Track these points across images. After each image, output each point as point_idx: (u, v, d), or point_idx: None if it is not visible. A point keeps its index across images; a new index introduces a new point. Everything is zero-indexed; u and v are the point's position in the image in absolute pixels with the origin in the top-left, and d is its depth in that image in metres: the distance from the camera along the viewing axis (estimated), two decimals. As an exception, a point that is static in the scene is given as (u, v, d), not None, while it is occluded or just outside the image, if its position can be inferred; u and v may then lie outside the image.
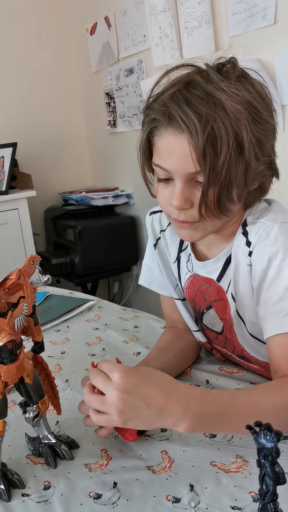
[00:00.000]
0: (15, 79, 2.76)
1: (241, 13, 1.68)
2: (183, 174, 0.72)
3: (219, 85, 0.69)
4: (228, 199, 0.72)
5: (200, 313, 0.93)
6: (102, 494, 0.64)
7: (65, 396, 0.88)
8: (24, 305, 0.67)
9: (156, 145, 0.75)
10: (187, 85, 0.71)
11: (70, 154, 3.01)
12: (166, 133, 0.72)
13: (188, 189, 0.73)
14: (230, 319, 0.86)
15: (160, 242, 0.97)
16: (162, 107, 0.72)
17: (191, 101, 0.69)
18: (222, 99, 0.68)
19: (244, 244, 0.79)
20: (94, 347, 1.11)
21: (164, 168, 0.74)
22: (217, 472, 0.66)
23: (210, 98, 0.68)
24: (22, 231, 2.48)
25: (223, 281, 0.85)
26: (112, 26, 2.48)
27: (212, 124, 0.67)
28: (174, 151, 0.71)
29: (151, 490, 0.64)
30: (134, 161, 2.25)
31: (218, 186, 0.70)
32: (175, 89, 0.71)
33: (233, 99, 0.68)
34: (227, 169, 0.69)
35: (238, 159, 0.69)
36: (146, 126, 0.76)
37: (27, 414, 0.71)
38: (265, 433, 0.50)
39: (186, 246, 0.92)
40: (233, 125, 0.68)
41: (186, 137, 0.69)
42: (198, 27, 1.89)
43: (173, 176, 0.74)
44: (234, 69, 0.72)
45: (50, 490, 0.66)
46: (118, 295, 2.97)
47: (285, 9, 1.54)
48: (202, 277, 0.89)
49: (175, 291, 0.97)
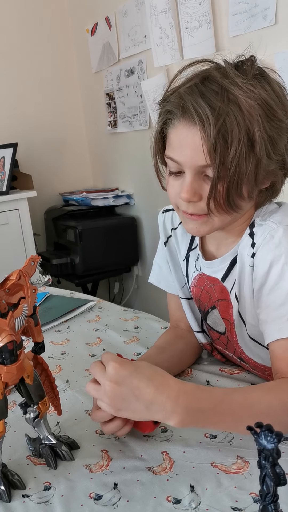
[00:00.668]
0: (15, 79, 2.76)
1: (242, 14, 1.68)
2: (193, 167, 0.72)
3: (234, 81, 0.69)
4: (237, 194, 0.72)
5: (205, 313, 0.93)
6: (103, 495, 0.64)
7: (65, 397, 0.88)
8: (24, 306, 0.67)
9: (169, 137, 0.76)
10: (203, 79, 0.72)
11: (71, 155, 3.01)
12: (179, 125, 0.72)
13: (197, 182, 0.74)
14: (232, 320, 0.86)
15: (170, 240, 0.98)
16: (177, 99, 0.73)
17: (205, 94, 0.70)
18: (236, 94, 0.68)
19: (250, 246, 0.79)
20: (94, 348, 1.10)
21: (176, 160, 0.74)
22: (217, 473, 0.66)
23: (224, 93, 0.69)
24: (22, 231, 2.48)
25: (227, 281, 0.85)
26: (112, 26, 2.48)
27: (224, 118, 0.68)
28: (185, 143, 0.72)
29: (151, 491, 0.63)
30: (134, 161, 2.25)
31: (227, 181, 0.70)
32: (191, 83, 0.72)
33: (248, 95, 0.69)
34: (236, 164, 0.69)
35: (248, 155, 0.69)
36: (161, 118, 0.77)
37: (27, 415, 0.71)
38: (265, 434, 0.50)
39: (196, 245, 0.93)
40: (245, 121, 0.68)
41: (198, 129, 0.69)
42: (199, 28, 1.89)
43: (183, 169, 0.74)
44: (252, 67, 0.73)
45: (50, 491, 0.65)
46: (119, 295, 2.97)
47: (285, 10, 1.54)
48: (207, 276, 0.89)
49: (182, 290, 0.97)
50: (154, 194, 2.46)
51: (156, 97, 2.23)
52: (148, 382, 0.65)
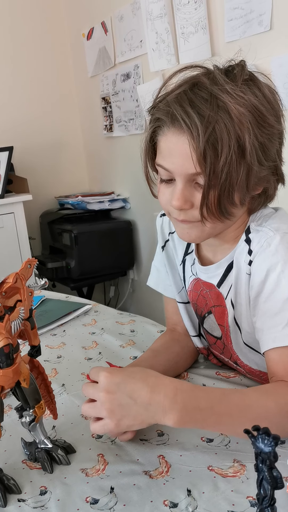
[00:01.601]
0: (11, 83, 2.76)
1: (237, 19, 1.69)
2: (184, 175, 0.72)
3: (224, 87, 0.69)
4: (229, 202, 0.72)
5: (202, 317, 0.93)
6: (99, 499, 0.63)
7: (61, 401, 0.88)
8: (21, 309, 0.66)
9: (159, 144, 0.75)
10: (193, 86, 0.71)
11: (66, 158, 3.01)
12: (168, 133, 0.72)
13: (188, 189, 0.73)
14: (227, 326, 0.86)
15: (168, 244, 0.98)
16: (166, 107, 0.72)
17: (194, 102, 0.69)
18: (226, 101, 0.68)
19: (246, 253, 0.79)
20: (90, 351, 1.10)
21: (166, 168, 0.74)
22: (214, 477, 0.65)
23: (214, 100, 0.68)
24: (18, 235, 2.47)
25: (223, 287, 0.85)
26: (108, 31, 2.49)
27: (214, 126, 0.67)
28: (175, 151, 0.71)
29: (148, 495, 0.63)
30: (130, 165, 2.26)
31: (218, 188, 0.70)
32: (180, 90, 0.71)
33: (238, 101, 0.68)
34: (227, 172, 0.68)
35: (239, 162, 0.69)
36: (151, 125, 0.76)
37: (23, 419, 0.71)
38: (263, 437, 0.50)
39: (192, 250, 0.93)
40: (235, 128, 0.67)
41: (187, 137, 0.69)
42: (195, 33, 1.90)
43: (174, 177, 0.74)
44: (242, 72, 0.72)
45: (46, 495, 0.65)
46: (114, 299, 2.97)
47: (281, 15, 1.55)
48: (203, 282, 0.89)
49: (179, 294, 0.97)
50: (149, 198, 2.44)
51: (151, 102, 2.24)
52: (143, 383, 0.65)
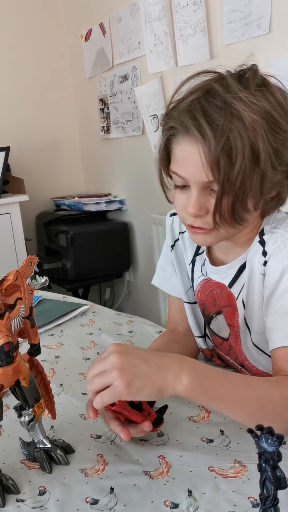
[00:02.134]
0: (9, 83, 2.75)
1: (236, 22, 1.70)
2: (198, 183, 0.73)
3: (238, 95, 0.69)
4: (242, 208, 0.73)
5: (209, 318, 0.92)
6: (99, 499, 0.63)
7: (59, 401, 0.87)
8: (21, 307, 0.66)
9: (173, 152, 0.76)
10: (206, 93, 0.71)
11: (63, 159, 3.00)
12: (183, 141, 0.72)
13: (203, 196, 0.74)
14: (238, 326, 0.86)
15: (178, 244, 0.98)
16: (180, 116, 0.72)
17: (208, 110, 0.69)
18: (240, 109, 0.68)
19: (261, 254, 0.80)
20: (88, 351, 1.10)
21: (181, 176, 0.75)
22: (215, 477, 0.65)
23: (228, 108, 0.68)
24: (13, 236, 2.46)
25: (234, 288, 0.85)
26: (107, 32, 2.49)
27: (228, 135, 0.68)
28: (189, 159, 0.72)
29: (148, 495, 0.63)
30: (127, 167, 2.26)
31: (232, 196, 0.71)
32: (193, 97, 0.72)
33: (251, 109, 0.68)
34: (241, 180, 0.69)
35: (253, 169, 0.69)
36: (165, 133, 0.77)
37: (22, 418, 0.70)
38: (266, 436, 0.50)
39: (202, 250, 0.93)
40: (249, 136, 0.68)
41: (201, 147, 0.69)
42: (193, 35, 1.90)
43: (189, 184, 0.75)
44: (254, 77, 0.73)
45: (45, 496, 0.64)
46: (110, 301, 2.96)
47: (280, 18, 1.56)
48: (214, 282, 0.89)
49: (186, 294, 0.97)
50: (146, 200, 2.46)
51: (149, 103, 2.24)
52: (151, 352, 0.69)
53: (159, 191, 0.85)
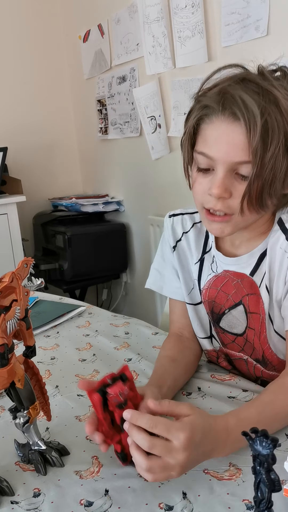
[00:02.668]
0: (7, 84, 2.75)
1: (234, 24, 1.70)
2: (228, 163, 0.73)
3: (273, 83, 0.71)
4: (269, 194, 0.74)
5: (220, 314, 0.92)
6: (94, 501, 0.63)
7: (55, 402, 0.87)
8: (16, 309, 0.66)
9: (204, 132, 0.76)
10: (242, 80, 0.73)
11: (61, 160, 3.00)
12: (217, 120, 0.73)
13: (229, 179, 0.74)
14: (263, 313, 0.86)
15: (180, 244, 0.97)
16: (217, 95, 0.73)
17: (247, 92, 0.71)
18: (277, 95, 0.70)
19: (284, 240, 0.81)
20: (84, 352, 1.09)
21: (209, 155, 0.75)
22: (210, 480, 0.65)
23: (265, 94, 0.70)
24: (11, 236, 2.46)
25: (256, 276, 0.86)
26: (105, 33, 2.50)
27: (266, 118, 0.69)
28: (223, 138, 0.73)
29: (143, 497, 0.63)
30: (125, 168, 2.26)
31: (262, 179, 0.72)
32: (229, 82, 0.73)
33: (286, 98, 0.71)
34: (273, 164, 0.71)
35: (284, 156, 0.71)
36: (196, 113, 0.77)
37: (17, 420, 0.70)
38: (261, 439, 0.50)
39: (210, 248, 0.93)
40: (284, 122, 0.70)
41: (240, 125, 0.70)
42: (191, 37, 1.90)
43: (215, 165, 0.75)
44: (285, 76, 0.75)
45: (40, 498, 0.64)
46: (107, 302, 2.96)
47: (277, 21, 1.56)
48: (233, 273, 0.89)
49: (189, 295, 0.96)
50: (143, 201, 2.46)
51: (147, 105, 2.24)
52: (210, 436, 0.64)
53: (157, 192, 0.85)
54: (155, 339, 1.14)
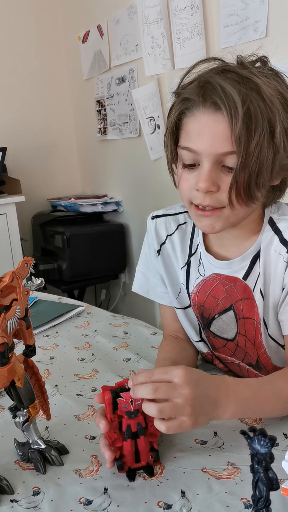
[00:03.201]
0: (6, 84, 2.75)
1: (233, 26, 1.71)
2: (213, 155, 0.71)
3: (253, 71, 0.70)
4: (256, 184, 0.72)
5: (210, 319, 0.90)
6: (93, 500, 0.63)
7: (54, 402, 0.87)
8: (17, 308, 0.66)
9: (186, 126, 0.74)
10: (221, 71, 0.71)
11: (60, 161, 3.00)
12: (198, 113, 0.71)
13: (215, 171, 0.72)
14: (258, 318, 0.84)
15: (164, 248, 0.93)
16: (197, 87, 0.72)
17: (227, 82, 0.69)
18: (257, 82, 0.68)
19: (278, 242, 0.80)
20: (83, 352, 1.10)
21: (193, 149, 0.73)
22: (208, 479, 0.65)
23: (246, 82, 0.69)
24: (9, 236, 2.46)
25: (249, 279, 0.84)
26: (104, 34, 2.50)
27: (248, 105, 0.68)
28: (206, 130, 0.71)
29: (142, 496, 0.63)
30: (124, 168, 2.25)
31: (248, 169, 0.70)
32: (210, 73, 0.71)
33: (267, 85, 0.69)
34: (259, 152, 0.69)
35: (269, 143, 0.69)
36: (177, 107, 0.75)
37: (17, 419, 0.70)
38: (259, 438, 0.50)
39: (195, 250, 0.90)
40: (267, 109, 0.68)
41: (222, 115, 0.69)
42: (190, 38, 1.91)
43: (200, 159, 0.73)
44: (265, 65, 0.74)
45: (39, 496, 0.65)
46: (105, 302, 2.96)
47: (276, 23, 1.57)
48: (225, 276, 0.86)
49: (177, 299, 0.93)
50: (142, 201, 2.47)
51: (146, 106, 2.25)
52: (210, 380, 0.68)
53: (156, 192, 0.85)
54: (154, 339, 1.15)
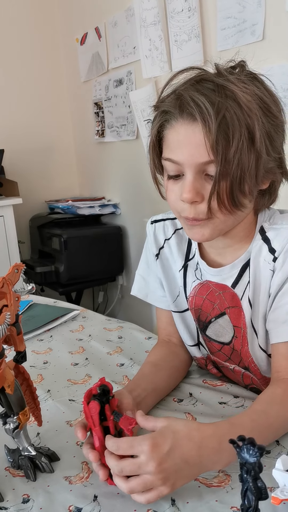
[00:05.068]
0: (3, 86, 2.75)
1: (230, 29, 1.70)
2: (194, 165, 0.71)
3: (229, 78, 0.70)
4: (240, 191, 0.71)
5: (206, 323, 0.90)
6: (82, 507, 0.63)
7: (46, 407, 0.87)
8: (7, 314, 0.66)
9: (167, 138, 0.74)
10: (199, 81, 0.71)
11: (58, 163, 3.00)
12: (176, 124, 0.72)
13: (199, 181, 0.72)
14: (245, 327, 0.84)
15: (163, 252, 0.94)
16: (174, 99, 0.72)
17: (202, 91, 0.69)
18: (233, 89, 0.68)
19: (267, 251, 0.79)
20: (77, 356, 1.09)
21: (175, 160, 0.73)
22: (199, 487, 0.65)
23: (221, 90, 0.69)
24: (7, 238, 2.46)
25: (238, 288, 0.83)
26: (102, 37, 2.50)
27: (224, 113, 0.67)
28: (185, 141, 0.71)
29: (132, 503, 0.62)
30: (121, 171, 2.24)
31: (230, 177, 0.69)
32: (186, 85, 0.72)
33: (244, 90, 0.69)
34: (239, 159, 0.68)
35: (249, 149, 0.69)
36: (157, 119, 0.75)
37: (7, 425, 0.70)
38: (248, 447, 0.50)
39: (193, 255, 0.90)
40: (244, 115, 0.68)
41: (198, 125, 0.69)
42: (188, 41, 1.91)
43: (183, 169, 0.73)
44: (243, 69, 0.74)
45: (29, 504, 0.64)
46: (103, 305, 2.96)
47: (273, 26, 1.56)
48: (215, 284, 0.86)
49: (175, 303, 0.94)
50: (140, 204, 2.47)
51: (144, 108, 2.24)
52: (189, 442, 0.63)
53: (153, 195, 0.84)
54: (148, 343, 1.14)
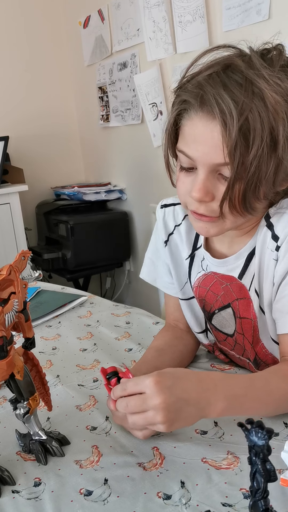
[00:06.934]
0: (7, 72, 2.73)
1: (235, 8, 1.67)
2: (208, 164, 0.67)
3: (261, 72, 0.64)
4: (254, 196, 0.67)
5: (211, 313, 0.89)
6: (93, 490, 0.64)
7: (56, 392, 0.88)
8: (15, 301, 0.66)
9: (183, 129, 0.70)
10: (226, 68, 0.65)
11: (63, 149, 2.99)
12: (195, 117, 0.67)
13: (211, 180, 0.69)
14: (254, 318, 0.82)
15: (172, 238, 0.92)
16: (196, 88, 0.67)
17: (228, 86, 0.64)
18: (262, 87, 0.63)
19: (270, 238, 0.75)
20: (85, 342, 1.10)
21: (189, 155, 0.69)
22: (208, 469, 0.66)
23: (249, 85, 0.63)
24: (13, 225, 2.47)
25: (245, 278, 0.81)
26: (105, 19, 2.46)
27: (247, 115, 0.62)
28: (201, 138, 0.67)
29: (142, 486, 0.63)
30: (127, 156, 2.24)
31: (245, 182, 0.65)
32: (212, 71, 0.66)
33: (274, 89, 0.63)
34: (257, 165, 0.64)
35: (270, 155, 0.64)
36: (175, 107, 0.71)
37: (17, 411, 0.71)
38: (256, 430, 0.50)
39: (200, 244, 0.87)
40: (269, 118, 0.63)
41: (218, 124, 0.64)
42: (192, 22, 1.88)
43: (196, 165, 0.69)
44: (279, 56, 0.67)
45: (40, 487, 0.65)
46: (110, 290, 2.97)
47: (279, 5, 1.53)
48: (221, 275, 0.83)
49: (182, 290, 0.92)
50: (146, 189, 2.45)
51: (149, 91, 2.22)
52: (189, 381, 0.65)
53: (159, 180, 0.82)
54: (156, 328, 1.14)
